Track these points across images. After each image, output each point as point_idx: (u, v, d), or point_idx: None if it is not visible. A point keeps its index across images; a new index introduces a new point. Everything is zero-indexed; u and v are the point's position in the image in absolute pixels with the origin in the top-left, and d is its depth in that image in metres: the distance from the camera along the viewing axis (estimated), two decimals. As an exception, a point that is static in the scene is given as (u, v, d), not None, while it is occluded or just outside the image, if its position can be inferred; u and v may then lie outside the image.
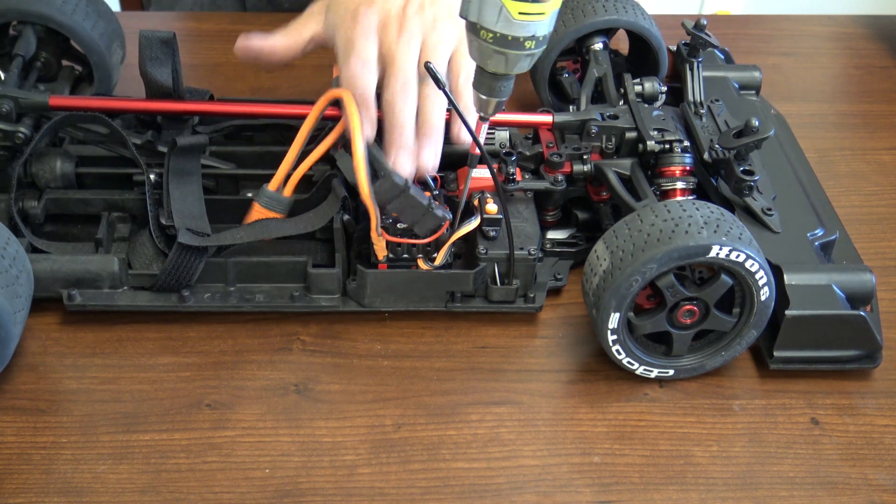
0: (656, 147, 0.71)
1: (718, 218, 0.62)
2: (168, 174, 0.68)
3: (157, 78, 0.70)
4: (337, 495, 0.59)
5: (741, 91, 0.84)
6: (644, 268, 0.60)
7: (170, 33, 0.69)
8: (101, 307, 0.66)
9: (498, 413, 0.64)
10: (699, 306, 0.63)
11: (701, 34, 0.77)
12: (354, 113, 0.63)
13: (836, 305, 0.65)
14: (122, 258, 0.66)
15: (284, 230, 0.67)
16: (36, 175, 0.70)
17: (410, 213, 0.64)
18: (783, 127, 0.83)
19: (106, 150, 0.72)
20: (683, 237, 0.60)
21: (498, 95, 0.61)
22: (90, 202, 0.70)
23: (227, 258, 0.67)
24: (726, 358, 0.65)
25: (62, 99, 0.71)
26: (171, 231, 0.67)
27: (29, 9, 0.76)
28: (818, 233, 0.69)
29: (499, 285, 0.68)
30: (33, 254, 0.66)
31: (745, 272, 0.61)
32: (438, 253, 0.66)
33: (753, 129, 0.68)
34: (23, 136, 0.69)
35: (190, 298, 0.67)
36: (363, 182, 0.62)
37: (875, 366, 0.66)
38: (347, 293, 0.68)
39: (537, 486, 0.60)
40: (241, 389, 0.64)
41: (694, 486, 0.60)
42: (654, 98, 0.75)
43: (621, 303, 0.62)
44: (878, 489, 0.60)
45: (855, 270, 0.66)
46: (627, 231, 0.62)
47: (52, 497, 0.57)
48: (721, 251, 0.60)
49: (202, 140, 0.70)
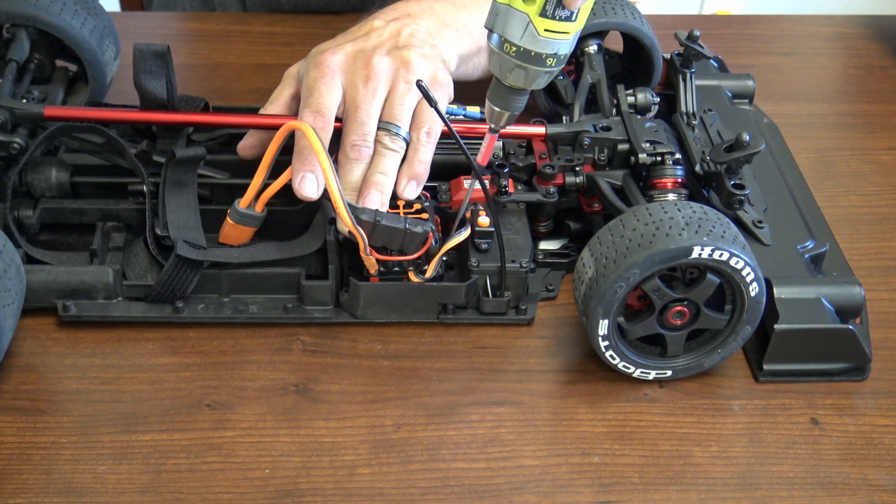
0: (648, 159, 0.71)
1: (701, 217, 0.61)
2: (164, 185, 0.69)
3: (151, 90, 0.70)
4: (337, 495, 0.59)
5: (734, 100, 0.84)
6: (627, 273, 0.60)
7: (163, 47, 0.70)
8: (96, 318, 0.67)
9: (498, 413, 0.64)
10: (689, 307, 0.63)
11: (694, 45, 0.77)
12: (322, 152, 0.62)
13: (826, 319, 0.65)
14: (116, 269, 0.67)
15: (281, 253, 0.68)
16: (31, 184, 0.70)
17: (391, 238, 0.65)
18: (776, 136, 0.83)
19: (101, 159, 0.72)
20: (664, 240, 0.60)
21: (511, 109, 0.62)
22: (85, 212, 0.70)
23: (220, 269, 0.67)
24: (723, 355, 0.65)
25: (57, 109, 0.71)
26: (167, 242, 0.67)
27: (16, 11, 0.76)
28: (808, 245, 0.70)
29: (490, 297, 0.68)
30: (28, 265, 0.66)
31: (731, 270, 0.61)
32: (429, 266, 0.66)
33: (744, 143, 0.68)
34: (18, 146, 0.68)
35: (184, 309, 0.67)
36: (344, 215, 0.62)
37: (863, 378, 0.67)
38: (340, 304, 0.68)
39: (537, 486, 0.60)
40: (241, 390, 0.64)
41: (694, 487, 0.60)
42: (646, 109, 0.75)
43: (608, 309, 0.62)
44: (878, 489, 0.60)
45: (844, 284, 0.66)
46: (610, 237, 0.62)
47: (52, 497, 0.57)
48: (703, 251, 0.60)
49: (200, 153, 0.70)
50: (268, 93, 0.89)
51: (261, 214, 0.68)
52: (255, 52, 0.97)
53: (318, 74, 0.69)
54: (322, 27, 1.01)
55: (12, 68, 0.75)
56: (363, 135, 0.67)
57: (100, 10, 0.81)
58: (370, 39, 0.71)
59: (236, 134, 0.75)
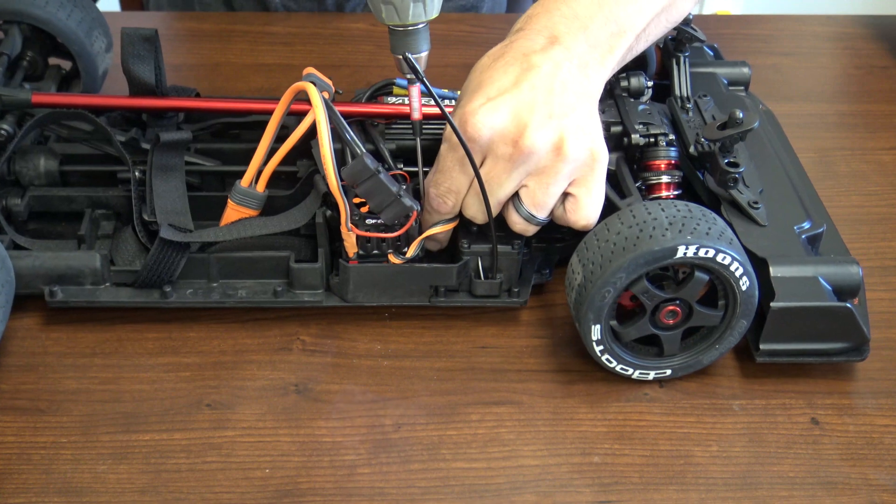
0: (641, 141, 0.70)
1: (685, 216, 0.61)
2: (151, 170, 0.68)
3: (139, 75, 0.70)
4: (337, 495, 0.59)
5: (730, 87, 0.84)
6: (613, 278, 0.60)
7: (152, 30, 0.69)
8: (83, 303, 0.66)
9: (498, 413, 0.64)
10: (681, 306, 0.63)
11: (687, 28, 0.77)
12: (319, 104, 0.62)
13: (822, 297, 0.64)
14: (104, 254, 0.66)
15: (267, 228, 0.67)
16: (19, 173, 0.70)
17: (379, 197, 0.63)
18: (772, 122, 0.82)
19: (90, 147, 0.72)
20: (648, 242, 0.60)
21: (410, 51, 0.63)
22: (74, 199, 0.70)
23: (209, 254, 0.67)
24: (721, 350, 0.65)
25: (45, 96, 0.71)
26: (154, 227, 0.67)
27: (4, 7, 0.76)
28: (805, 225, 0.69)
29: (483, 279, 0.68)
30: (15, 250, 0.66)
31: (719, 266, 0.61)
32: (409, 247, 0.66)
33: (738, 120, 0.68)
34: (5, 133, 0.68)
35: (172, 294, 0.67)
36: (330, 173, 0.62)
37: (862, 358, 0.66)
38: (331, 288, 0.68)
39: (537, 486, 0.60)
40: (240, 389, 0.64)
41: (694, 486, 0.60)
42: (640, 93, 0.75)
43: (599, 315, 0.62)
44: (878, 489, 0.60)
45: (841, 263, 0.66)
46: (596, 242, 0.62)
47: (52, 497, 0.57)
48: (688, 250, 0.60)
49: (185, 136, 0.70)
50: (268, 93, 0.90)
51: (262, 195, 0.67)
52: (255, 52, 0.97)
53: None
54: (322, 27, 1.01)
55: (3, 62, 0.75)
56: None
57: (86, 2, 0.81)
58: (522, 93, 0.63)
59: (228, 124, 0.74)
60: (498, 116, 0.62)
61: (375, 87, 0.75)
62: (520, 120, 0.62)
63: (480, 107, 0.62)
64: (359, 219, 0.64)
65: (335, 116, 0.63)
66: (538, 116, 0.62)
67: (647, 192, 0.70)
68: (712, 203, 0.70)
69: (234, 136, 0.76)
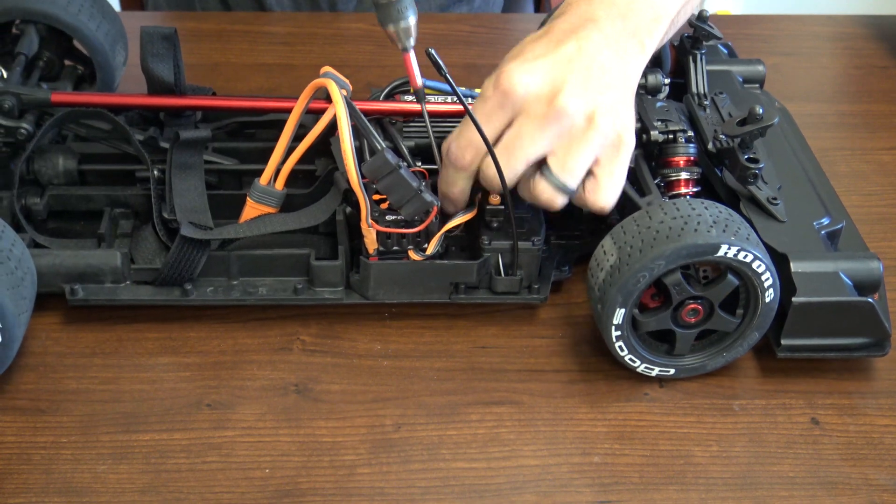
0: (660, 137, 0.70)
1: (727, 218, 0.62)
2: (171, 168, 0.68)
3: (158, 73, 0.70)
4: (337, 495, 0.59)
5: (745, 85, 0.84)
6: (652, 264, 0.60)
7: (171, 29, 0.70)
8: (104, 302, 0.66)
9: (498, 413, 0.64)
10: (704, 305, 0.63)
11: (704, 25, 0.77)
12: (340, 101, 0.62)
13: (844, 292, 0.64)
14: (124, 252, 0.66)
15: (288, 224, 0.67)
16: (38, 172, 0.70)
17: (399, 192, 0.63)
18: (788, 120, 0.83)
19: (109, 146, 0.72)
20: (693, 235, 0.60)
21: (398, 21, 0.63)
22: (93, 198, 0.70)
23: (229, 252, 0.67)
24: (728, 359, 0.65)
25: (64, 95, 0.71)
26: (174, 225, 0.67)
27: (34, 7, 0.76)
28: (824, 221, 0.69)
29: (503, 276, 0.68)
30: (35, 248, 0.66)
31: (752, 273, 0.61)
32: (429, 243, 0.66)
33: (757, 116, 0.68)
34: (25, 132, 0.69)
35: (192, 292, 0.67)
36: (351, 169, 0.62)
37: (884, 353, 0.66)
38: (351, 286, 0.68)
39: (537, 486, 0.60)
40: (240, 389, 0.64)
41: (694, 486, 0.60)
42: (657, 90, 0.75)
43: (627, 299, 0.62)
44: (878, 489, 0.60)
45: (862, 258, 0.66)
46: (636, 227, 0.62)
47: (52, 497, 0.57)
48: (730, 250, 0.60)
49: (205, 134, 0.70)
50: (268, 93, 0.90)
51: (281, 193, 0.67)
52: (254, 51, 0.97)
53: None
54: (322, 27, 1.01)
55: (21, 60, 0.75)
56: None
57: (114, 15, 0.81)
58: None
59: (244, 122, 0.75)
60: (534, 77, 0.62)
61: (392, 86, 0.75)
62: (555, 83, 0.62)
63: (518, 66, 0.63)
64: (379, 215, 0.65)
65: (355, 113, 0.63)
66: (573, 84, 0.62)
67: (666, 189, 0.70)
68: (730, 200, 0.70)
69: (249, 136, 0.76)
